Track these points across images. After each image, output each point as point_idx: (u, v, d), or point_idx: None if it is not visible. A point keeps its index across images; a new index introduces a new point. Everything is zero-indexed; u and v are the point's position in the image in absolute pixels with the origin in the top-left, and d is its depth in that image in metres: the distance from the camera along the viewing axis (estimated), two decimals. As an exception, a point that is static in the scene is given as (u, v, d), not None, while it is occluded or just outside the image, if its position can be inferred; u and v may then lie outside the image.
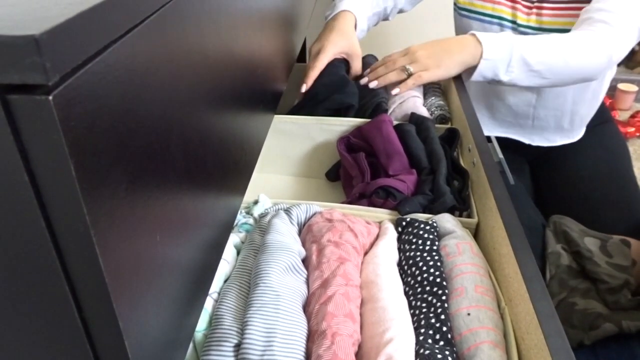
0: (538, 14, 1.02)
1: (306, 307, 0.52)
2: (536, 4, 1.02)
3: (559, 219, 0.94)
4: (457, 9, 1.13)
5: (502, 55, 0.86)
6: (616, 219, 1.00)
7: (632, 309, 0.87)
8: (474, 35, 0.88)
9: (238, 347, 0.47)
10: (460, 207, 0.68)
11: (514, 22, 1.04)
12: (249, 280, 0.53)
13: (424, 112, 0.87)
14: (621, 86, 2.29)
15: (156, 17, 0.27)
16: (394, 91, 0.91)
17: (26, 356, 0.26)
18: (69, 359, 0.26)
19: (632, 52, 1.09)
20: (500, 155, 1.03)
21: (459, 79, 0.94)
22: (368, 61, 1.05)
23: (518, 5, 1.04)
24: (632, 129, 2.12)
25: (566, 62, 0.87)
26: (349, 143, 0.84)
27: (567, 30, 0.94)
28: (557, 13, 1.01)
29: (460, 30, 1.15)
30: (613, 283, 0.89)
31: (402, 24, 1.77)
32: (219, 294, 0.53)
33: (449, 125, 0.87)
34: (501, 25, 1.06)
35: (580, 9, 0.96)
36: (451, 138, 0.82)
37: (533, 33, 1.02)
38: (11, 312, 0.24)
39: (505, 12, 1.05)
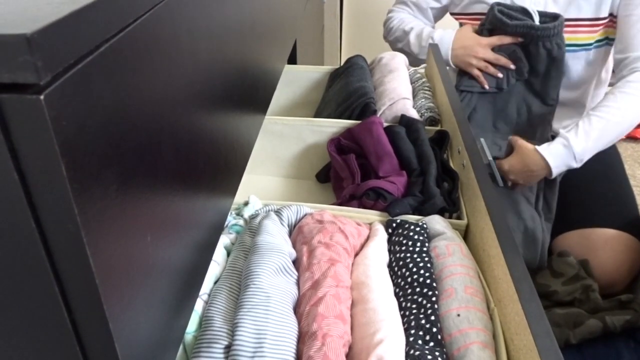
0: None
1: (297, 309, 0.52)
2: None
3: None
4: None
5: (567, 160, 0.99)
6: (611, 215, 1.04)
7: (613, 309, 0.88)
8: (537, 152, 1.00)
9: (228, 348, 0.46)
10: (450, 208, 0.69)
11: None
12: (239, 281, 0.53)
13: (413, 114, 0.87)
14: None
15: (148, 17, 0.27)
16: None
17: (15, 358, 0.26)
18: (58, 360, 0.26)
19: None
20: (490, 158, 1.04)
21: (448, 81, 0.94)
22: (357, 61, 1.05)
23: None
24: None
25: (621, 131, 1.01)
26: (340, 144, 0.85)
27: (581, 45, 1.07)
28: (571, 30, 1.08)
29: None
30: (577, 296, 0.92)
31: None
32: (209, 295, 0.53)
33: (438, 127, 0.88)
34: None
35: (595, 25, 1.06)
36: (441, 140, 0.82)
37: None
38: None
39: None
